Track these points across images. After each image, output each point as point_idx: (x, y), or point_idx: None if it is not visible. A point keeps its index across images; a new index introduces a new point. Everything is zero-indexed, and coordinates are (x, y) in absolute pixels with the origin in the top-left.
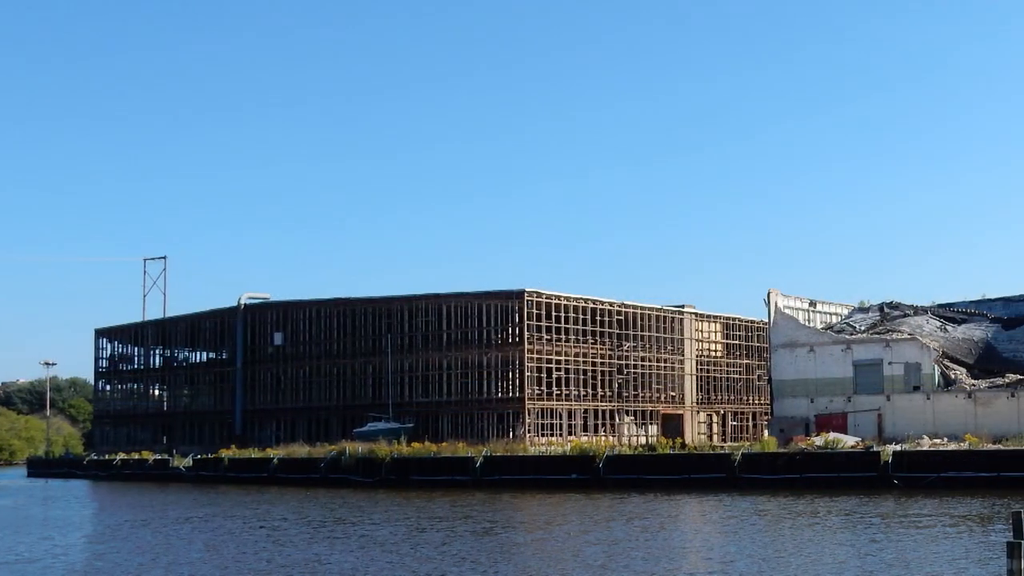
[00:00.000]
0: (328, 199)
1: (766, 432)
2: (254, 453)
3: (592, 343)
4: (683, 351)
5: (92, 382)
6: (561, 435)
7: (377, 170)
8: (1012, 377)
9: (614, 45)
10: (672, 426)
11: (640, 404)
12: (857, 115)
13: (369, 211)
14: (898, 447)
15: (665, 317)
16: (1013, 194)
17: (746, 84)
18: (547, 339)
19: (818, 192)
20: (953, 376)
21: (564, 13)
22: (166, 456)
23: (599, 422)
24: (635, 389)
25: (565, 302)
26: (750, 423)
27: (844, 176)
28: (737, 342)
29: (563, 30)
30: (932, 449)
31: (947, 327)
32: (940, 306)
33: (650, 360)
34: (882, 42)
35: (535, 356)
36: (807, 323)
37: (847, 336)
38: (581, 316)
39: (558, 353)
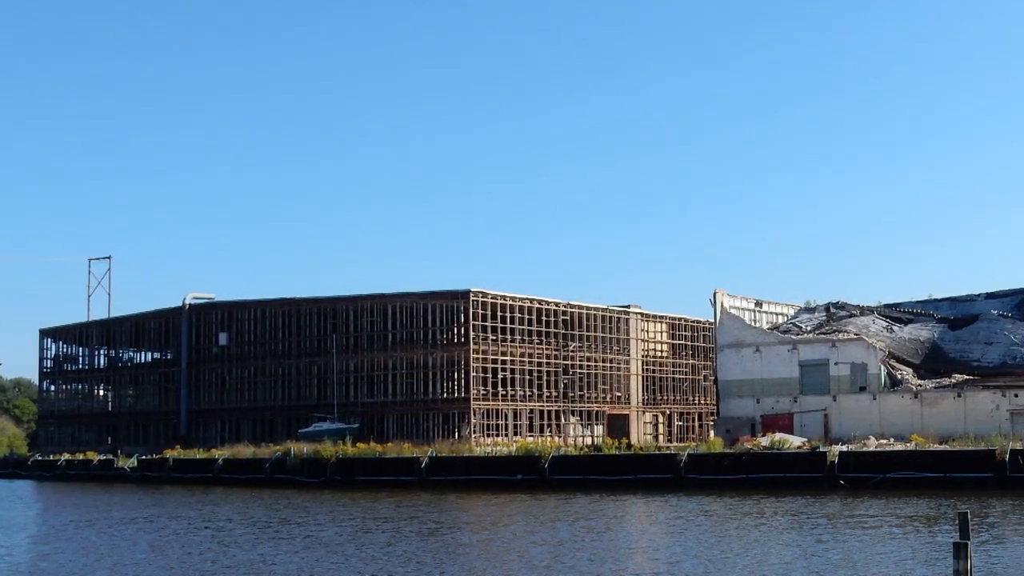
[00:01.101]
0: (273, 199)
1: (712, 432)
2: (199, 453)
3: (538, 343)
4: (629, 351)
5: (36, 382)
6: (507, 435)
7: (322, 170)
8: (959, 377)
9: (563, 46)
10: (618, 426)
11: (586, 404)
12: (805, 117)
13: (314, 211)
14: (844, 447)
15: (611, 317)
16: (960, 195)
17: (694, 86)
18: (492, 339)
19: (765, 192)
20: (899, 376)
21: (513, 13)
22: (111, 456)
23: (545, 422)
24: (581, 389)
25: (511, 302)
26: (696, 423)
27: (791, 177)
28: (683, 342)
29: (511, 31)
30: (878, 450)
31: (893, 327)
32: (887, 306)
33: (596, 360)
34: (833, 45)
35: (480, 356)
36: (753, 323)
37: (793, 336)
38: (527, 316)
39: (503, 353)
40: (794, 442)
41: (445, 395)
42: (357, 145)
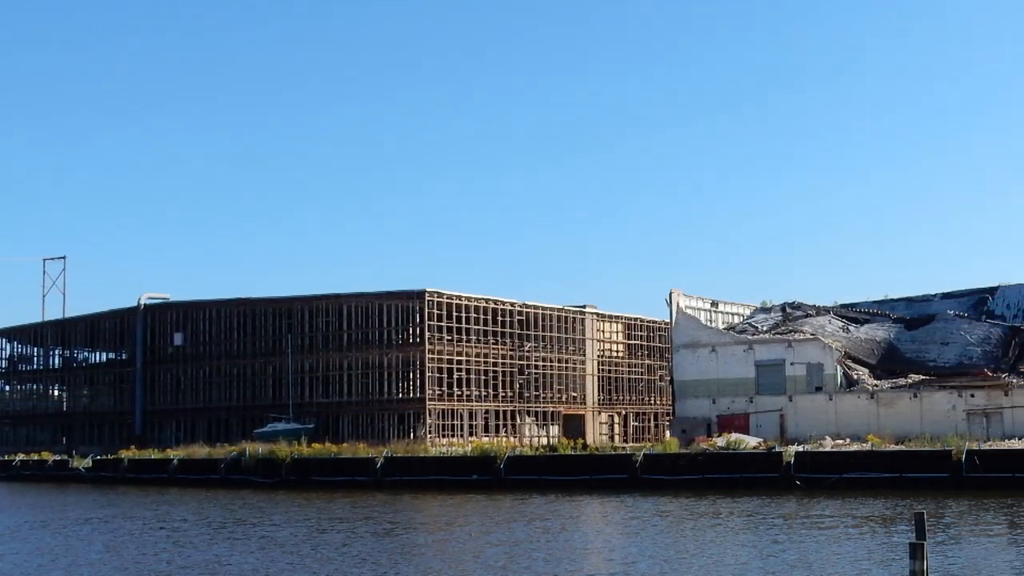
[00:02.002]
0: (228, 199)
1: (668, 433)
2: (154, 454)
3: (493, 343)
4: (584, 351)
5: None
6: (462, 436)
7: (277, 170)
8: (915, 377)
9: (516, 45)
10: (573, 427)
11: (541, 405)
12: (761, 115)
13: (270, 211)
14: (800, 448)
15: (566, 317)
16: (916, 195)
17: (650, 84)
18: (448, 339)
19: (721, 192)
20: (855, 376)
21: (464, 12)
22: (66, 457)
23: (500, 423)
24: (536, 390)
25: (466, 302)
26: (652, 424)
27: (747, 176)
28: (639, 342)
29: (463, 29)
30: (834, 450)
31: (849, 327)
32: (843, 306)
33: (551, 360)
34: (788, 42)
35: (436, 356)
36: (709, 323)
37: (749, 336)
38: (482, 316)
39: (459, 353)
40: (750, 442)
41: (400, 395)
42: (313, 145)
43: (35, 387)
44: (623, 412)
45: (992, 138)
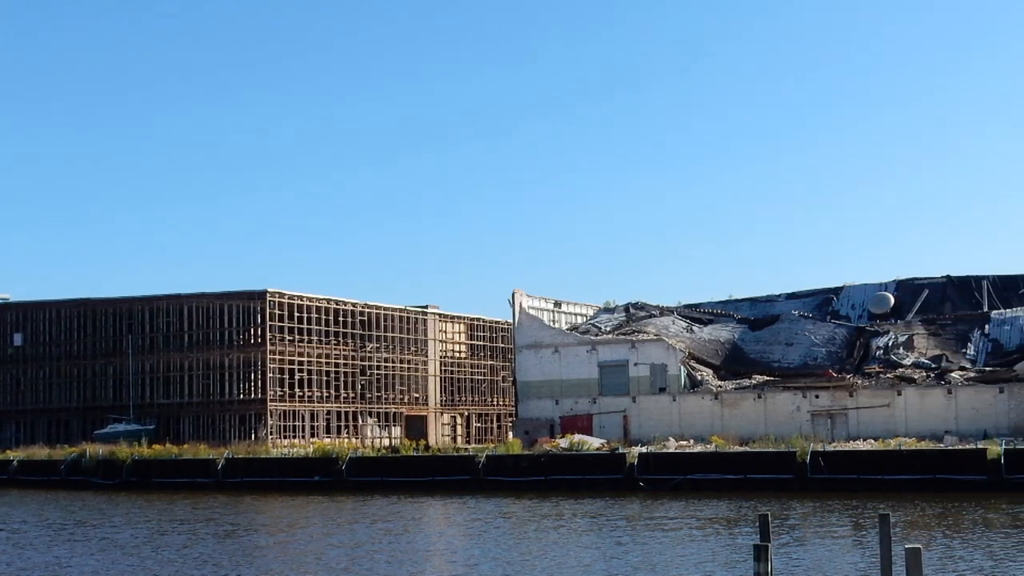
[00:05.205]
0: (68, 198)
1: (511, 434)
2: None
3: (335, 344)
4: (427, 352)
5: None
6: (304, 437)
7: (115, 169)
8: (759, 378)
9: (359, 42)
10: (416, 428)
11: (383, 405)
12: (603, 115)
13: (109, 210)
14: (644, 449)
15: (408, 318)
16: (759, 195)
17: (491, 82)
18: (289, 340)
19: (563, 192)
20: (700, 377)
21: (299, 10)
22: None
23: (342, 424)
24: (378, 390)
25: (308, 302)
26: (495, 425)
27: (590, 176)
28: (481, 343)
29: (305, 27)
30: (678, 451)
31: (694, 328)
32: (687, 306)
33: (393, 361)
34: (630, 42)
35: (277, 357)
36: (552, 324)
37: (592, 337)
38: (324, 316)
39: (300, 354)
40: (593, 443)
41: (242, 396)
42: (151, 144)
43: None
44: (466, 413)
45: (836, 138)
